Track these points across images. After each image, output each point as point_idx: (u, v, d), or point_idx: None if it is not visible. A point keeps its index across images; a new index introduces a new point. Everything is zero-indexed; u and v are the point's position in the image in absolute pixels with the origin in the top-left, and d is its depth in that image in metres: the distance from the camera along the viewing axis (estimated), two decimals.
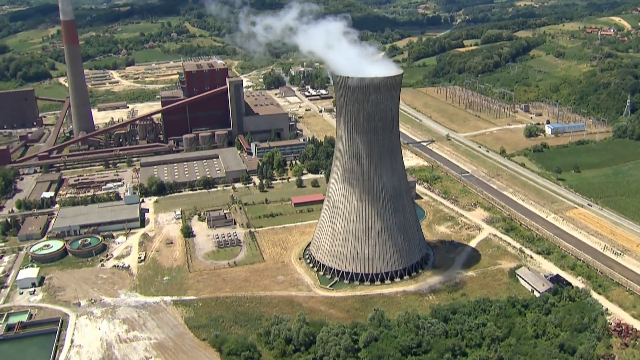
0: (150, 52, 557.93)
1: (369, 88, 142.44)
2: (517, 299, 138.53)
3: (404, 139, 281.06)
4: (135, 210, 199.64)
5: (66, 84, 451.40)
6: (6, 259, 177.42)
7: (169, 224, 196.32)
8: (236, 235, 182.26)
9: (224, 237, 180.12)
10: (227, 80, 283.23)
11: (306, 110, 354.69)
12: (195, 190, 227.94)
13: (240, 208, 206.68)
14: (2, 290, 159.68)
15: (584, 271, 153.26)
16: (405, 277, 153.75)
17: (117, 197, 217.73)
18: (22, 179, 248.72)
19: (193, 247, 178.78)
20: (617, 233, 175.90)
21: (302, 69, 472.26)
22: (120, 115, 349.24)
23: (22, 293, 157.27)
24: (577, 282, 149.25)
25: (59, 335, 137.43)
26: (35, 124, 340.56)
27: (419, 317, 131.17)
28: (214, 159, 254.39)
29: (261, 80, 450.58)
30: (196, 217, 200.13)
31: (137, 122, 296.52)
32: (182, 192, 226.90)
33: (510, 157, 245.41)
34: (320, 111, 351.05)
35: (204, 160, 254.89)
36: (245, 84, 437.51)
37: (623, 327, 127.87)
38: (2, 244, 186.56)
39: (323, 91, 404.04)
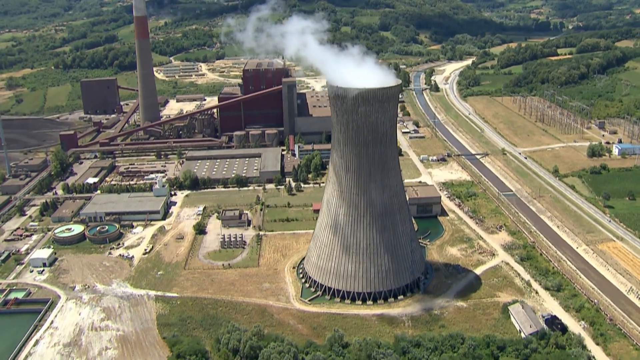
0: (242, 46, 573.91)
1: (356, 99, 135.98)
2: (494, 339, 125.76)
3: (459, 150, 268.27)
4: (159, 203, 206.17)
5: (158, 75, 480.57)
6: (34, 237, 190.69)
7: (188, 219, 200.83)
8: (242, 236, 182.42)
9: (230, 237, 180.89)
10: (283, 80, 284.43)
11: None
12: (228, 187, 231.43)
13: (261, 209, 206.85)
14: (18, 266, 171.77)
15: (590, 315, 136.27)
16: (389, 300, 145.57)
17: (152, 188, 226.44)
18: (81, 163, 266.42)
19: (199, 245, 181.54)
20: None
21: None
22: (194, 107, 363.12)
23: (32, 271, 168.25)
24: (576, 327, 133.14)
25: (43, 315, 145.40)
26: (115, 111, 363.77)
27: (378, 346, 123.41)
28: (256, 158, 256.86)
29: None
30: (216, 215, 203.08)
31: (197, 115, 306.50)
32: (214, 188, 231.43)
33: (563, 177, 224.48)
34: None
35: (247, 158, 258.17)
36: (323, 83, 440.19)
37: None
38: (36, 224, 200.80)
39: None
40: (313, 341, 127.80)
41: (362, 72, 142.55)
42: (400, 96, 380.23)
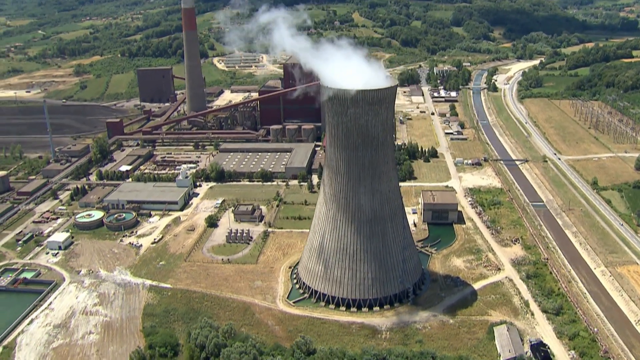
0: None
1: (345, 100, 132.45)
2: None
3: (500, 155, 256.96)
4: (179, 194, 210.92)
5: (218, 65, 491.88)
6: (59, 221, 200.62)
7: (205, 212, 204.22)
8: (249, 232, 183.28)
9: (236, 232, 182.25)
10: None
11: (420, 112, 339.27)
12: (253, 181, 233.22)
13: (277, 205, 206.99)
14: (37, 248, 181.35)
15: (583, 345, 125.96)
16: (375, 308, 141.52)
17: None
18: (123, 150, 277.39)
19: (207, 238, 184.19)
20: None
21: (445, 67, 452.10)
22: (242, 99, 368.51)
23: (47, 253, 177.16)
24: (564, 356, 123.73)
25: (45, 296, 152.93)
26: (169, 100, 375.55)
27: (343, 355, 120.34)
28: (287, 153, 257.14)
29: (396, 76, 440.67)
30: (231, 208, 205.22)
31: (240, 107, 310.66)
32: (240, 181, 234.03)
33: (600, 190, 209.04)
34: (433, 114, 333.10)
35: (278, 153, 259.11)
36: None
37: None
38: (64, 208, 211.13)
39: (453, 94, 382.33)
40: (280, 344, 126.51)
41: (356, 73, 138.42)
42: (456, 96, 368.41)
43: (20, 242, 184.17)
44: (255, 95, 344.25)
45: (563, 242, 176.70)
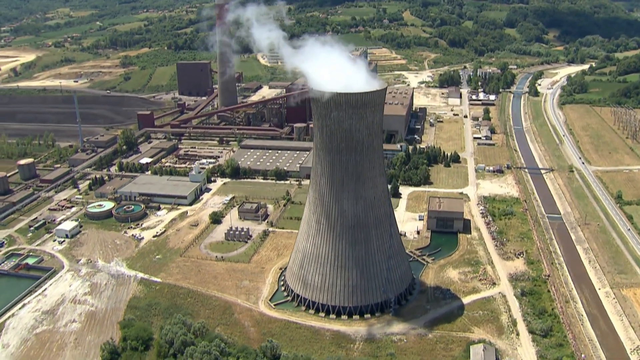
0: (352, 36, 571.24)
1: (329, 103, 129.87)
2: None
3: (526, 162, 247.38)
4: (190, 189, 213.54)
5: (262, 61, 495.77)
6: (73, 209, 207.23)
7: (212, 207, 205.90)
8: (248, 230, 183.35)
9: (236, 230, 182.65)
10: None
11: (454, 114, 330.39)
12: (267, 179, 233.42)
13: (285, 205, 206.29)
14: (46, 235, 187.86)
15: None
16: (354, 317, 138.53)
17: None
18: (150, 142, 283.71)
19: (208, 234, 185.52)
20: None
21: (489, 69, 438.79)
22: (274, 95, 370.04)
23: (54, 241, 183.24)
24: None
25: (41, 282, 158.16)
26: (206, 94, 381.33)
27: None
28: (306, 152, 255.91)
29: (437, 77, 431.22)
30: (238, 205, 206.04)
31: (268, 104, 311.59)
32: (254, 179, 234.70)
33: (624, 204, 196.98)
34: (466, 117, 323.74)
35: (297, 152, 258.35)
36: (422, 79, 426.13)
37: None
38: (80, 197, 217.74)
39: (492, 97, 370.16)
40: (248, 346, 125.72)
41: (345, 75, 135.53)
42: (494, 99, 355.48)
43: (32, 228, 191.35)
44: None
45: (571, 259, 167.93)
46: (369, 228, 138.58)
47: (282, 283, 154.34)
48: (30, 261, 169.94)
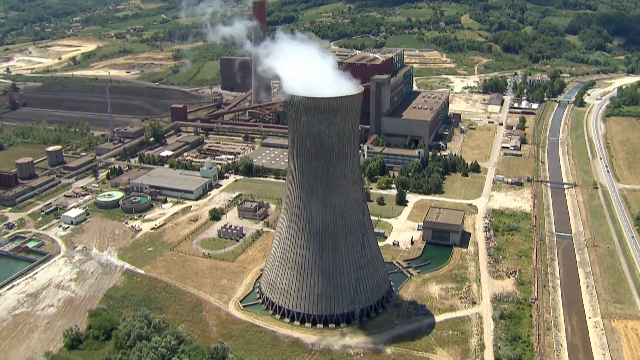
0: (405, 37, 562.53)
1: (297, 106, 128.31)
2: None
3: (550, 176, 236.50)
4: (197, 184, 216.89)
5: None
6: (86, 197, 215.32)
7: (217, 204, 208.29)
8: (241, 229, 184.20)
9: (229, 228, 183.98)
10: (373, 77, 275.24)
11: (489, 122, 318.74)
12: (279, 178, 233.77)
13: None
14: (54, 220, 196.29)
15: None
16: (318, 325, 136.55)
17: None
18: (179, 135, 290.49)
19: (204, 230, 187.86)
20: None
21: (538, 77, 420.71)
22: None
23: (60, 227, 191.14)
24: None
25: (34, 266, 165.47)
26: (247, 89, 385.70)
27: None
28: None
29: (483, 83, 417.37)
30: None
31: None
32: (266, 177, 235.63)
33: None
34: (501, 124, 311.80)
35: None
36: (468, 84, 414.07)
37: None
38: (96, 185, 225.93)
39: (535, 105, 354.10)
40: (199, 345, 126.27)
41: (319, 78, 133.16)
42: (536, 108, 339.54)
43: (43, 213, 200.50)
44: None
45: (568, 282, 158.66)
46: (337, 236, 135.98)
47: (257, 285, 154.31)
48: (31, 245, 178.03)
